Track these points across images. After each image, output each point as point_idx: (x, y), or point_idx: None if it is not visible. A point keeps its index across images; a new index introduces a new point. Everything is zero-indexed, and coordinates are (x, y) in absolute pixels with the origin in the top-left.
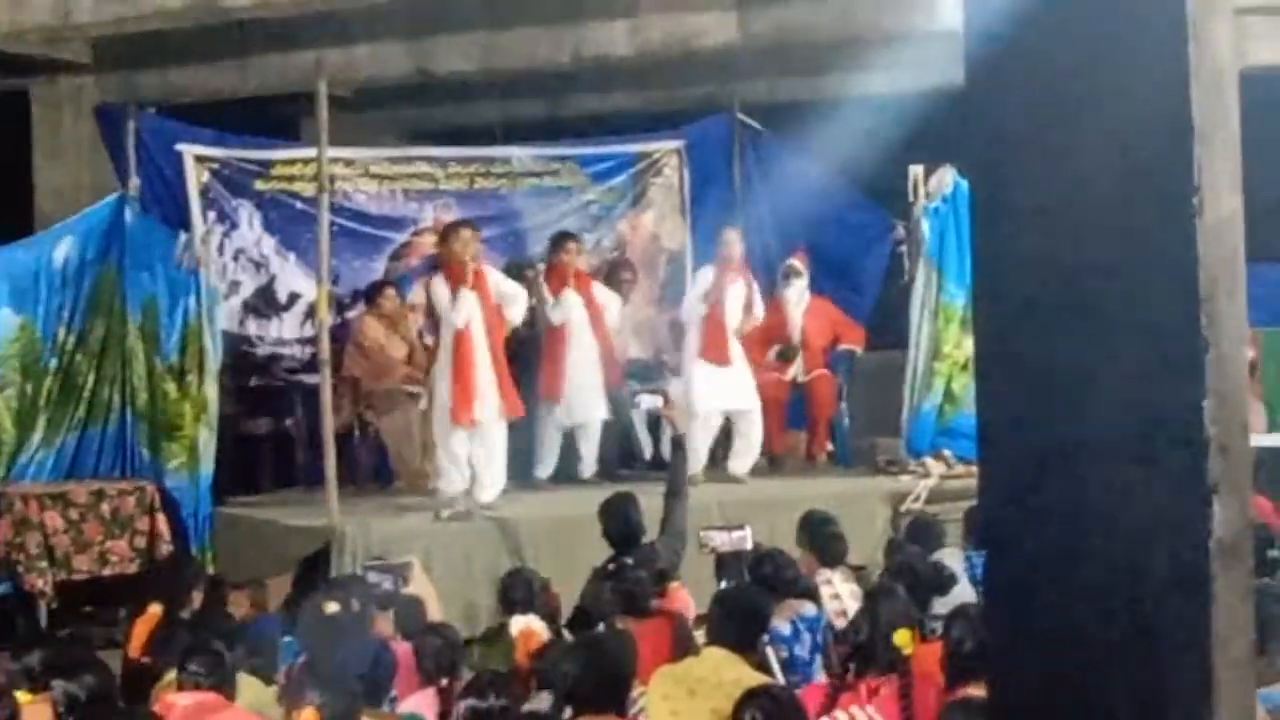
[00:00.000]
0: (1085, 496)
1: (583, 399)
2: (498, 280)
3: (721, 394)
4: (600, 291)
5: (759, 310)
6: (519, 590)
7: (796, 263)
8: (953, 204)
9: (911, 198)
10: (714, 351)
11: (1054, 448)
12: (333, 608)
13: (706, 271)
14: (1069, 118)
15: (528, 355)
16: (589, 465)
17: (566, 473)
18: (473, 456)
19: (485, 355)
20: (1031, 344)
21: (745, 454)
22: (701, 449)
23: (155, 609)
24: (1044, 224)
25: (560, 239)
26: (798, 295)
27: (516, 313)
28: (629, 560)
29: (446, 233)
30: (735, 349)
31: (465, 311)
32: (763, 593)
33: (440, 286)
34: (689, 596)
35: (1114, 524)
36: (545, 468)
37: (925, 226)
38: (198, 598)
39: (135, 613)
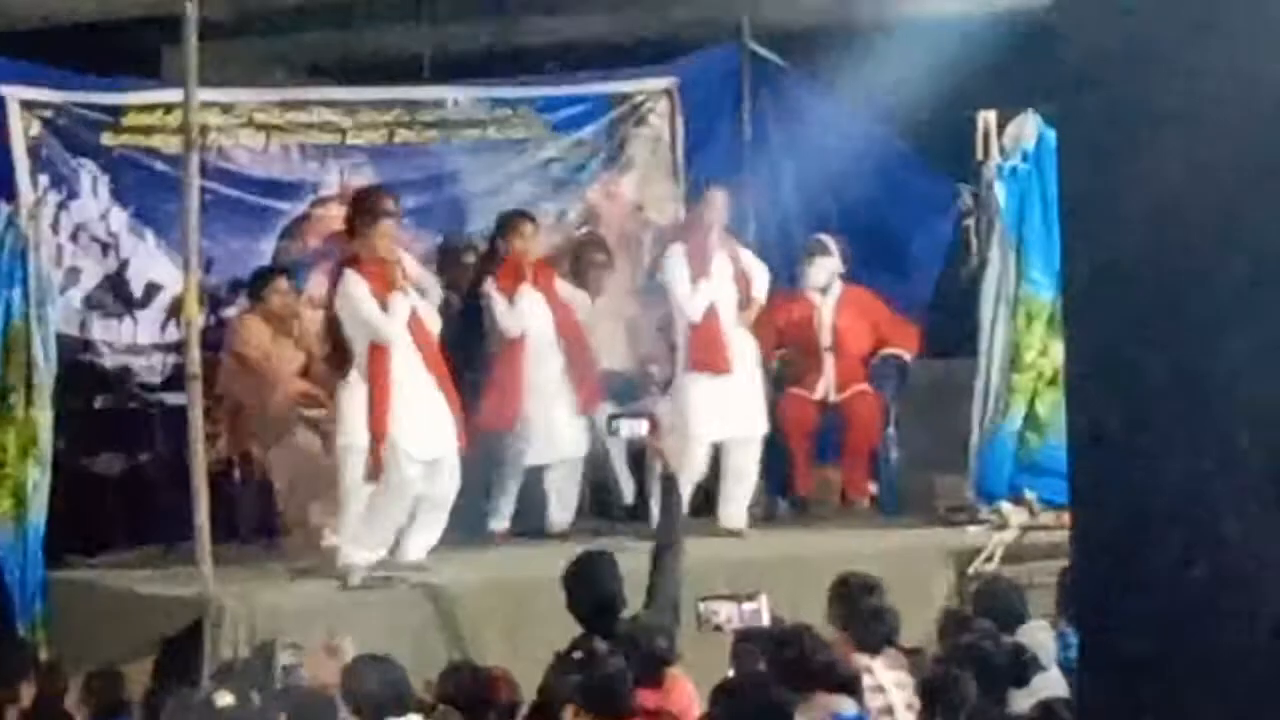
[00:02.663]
0: (1213, 552)
1: (551, 430)
2: (410, 267)
3: (721, 415)
4: (563, 287)
5: (762, 280)
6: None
7: (824, 238)
8: (1036, 162)
9: (981, 154)
10: (708, 357)
11: (1171, 488)
12: (225, 699)
13: (677, 252)
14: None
15: (470, 371)
16: (561, 515)
17: (528, 524)
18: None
19: (421, 372)
20: (1140, 352)
21: (740, 498)
22: (688, 489)
23: None
24: (1160, 192)
25: (511, 220)
26: (825, 282)
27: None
28: (600, 643)
29: (359, 217)
30: (739, 350)
31: (399, 320)
32: (782, 685)
33: (359, 288)
34: (691, 689)
35: (1252, 587)
36: (500, 519)
37: (1000, 193)
38: (28, 692)
39: None
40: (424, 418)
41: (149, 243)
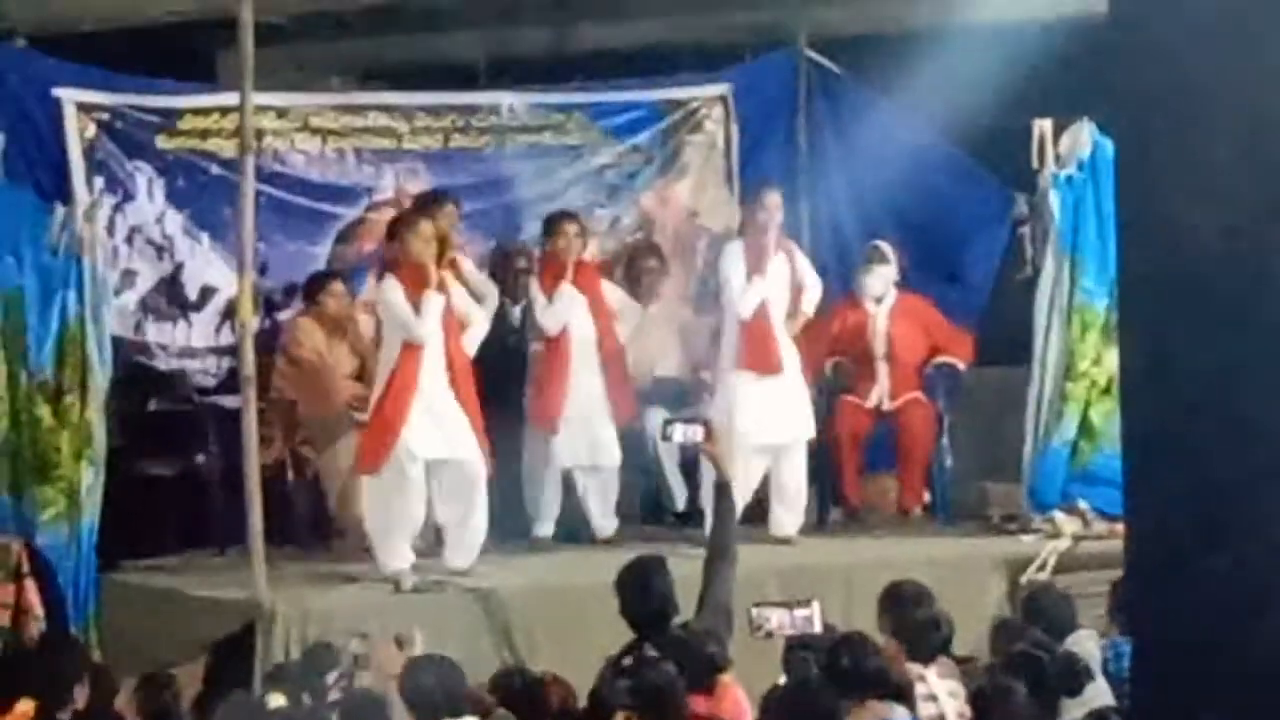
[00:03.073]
0: (1268, 560)
1: (589, 434)
2: (469, 273)
3: (770, 418)
4: (611, 292)
5: (814, 294)
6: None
7: (883, 246)
8: (1091, 172)
9: (1037, 163)
10: (758, 357)
11: (1226, 497)
12: (278, 700)
13: (735, 249)
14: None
15: (512, 371)
16: (604, 522)
17: (574, 530)
18: (437, 511)
19: (442, 375)
20: (1195, 361)
21: (791, 505)
22: (741, 496)
23: (25, 707)
24: (1218, 202)
25: (556, 220)
26: (882, 290)
27: (481, 316)
28: (652, 649)
29: (399, 224)
30: (787, 353)
31: (430, 321)
32: (834, 692)
33: (395, 293)
34: (742, 696)
35: None
36: (545, 523)
37: (1055, 202)
38: (82, 694)
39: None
40: (435, 417)
41: (204, 246)
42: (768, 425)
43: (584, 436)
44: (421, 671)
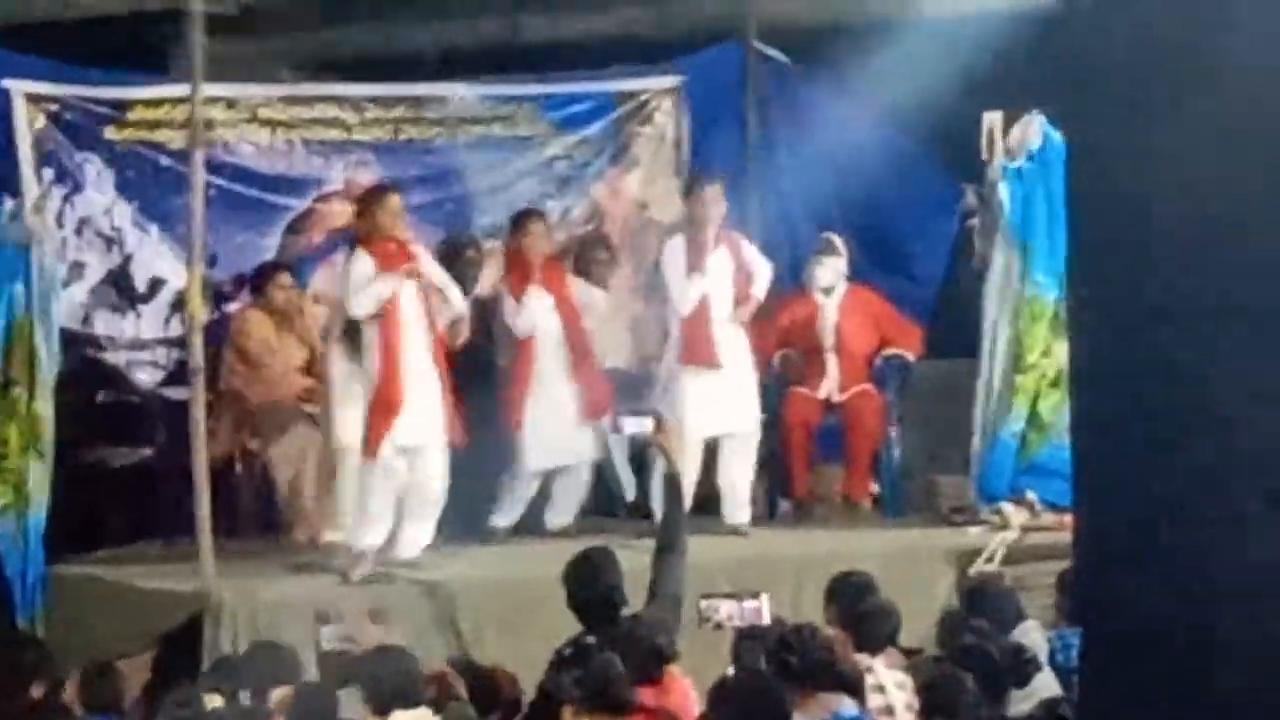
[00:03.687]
0: (1214, 552)
1: (561, 435)
2: (429, 265)
3: (712, 410)
4: (577, 287)
5: (764, 280)
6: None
7: (833, 238)
8: (1041, 163)
9: (986, 154)
10: (697, 352)
11: (1174, 488)
12: (214, 701)
13: (675, 246)
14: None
15: (479, 372)
16: (561, 517)
17: (525, 523)
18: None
19: (424, 359)
20: (1144, 352)
21: (740, 496)
22: (688, 488)
23: None
24: (1169, 194)
25: (522, 219)
26: (832, 282)
27: (458, 294)
28: (596, 640)
29: (368, 199)
30: (730, 346)
31: (403, 300)
32: (781, 684)
33: (363, 264)
34: (689, 687)
35: (1259, 585)
36: (506, 515)
37: (1004, 193)
38: (38, 689)
39: None
40: (411, 403)
41: (153, 237)
42: (708, 418)
43: (554, 435)
44: (376, 663)
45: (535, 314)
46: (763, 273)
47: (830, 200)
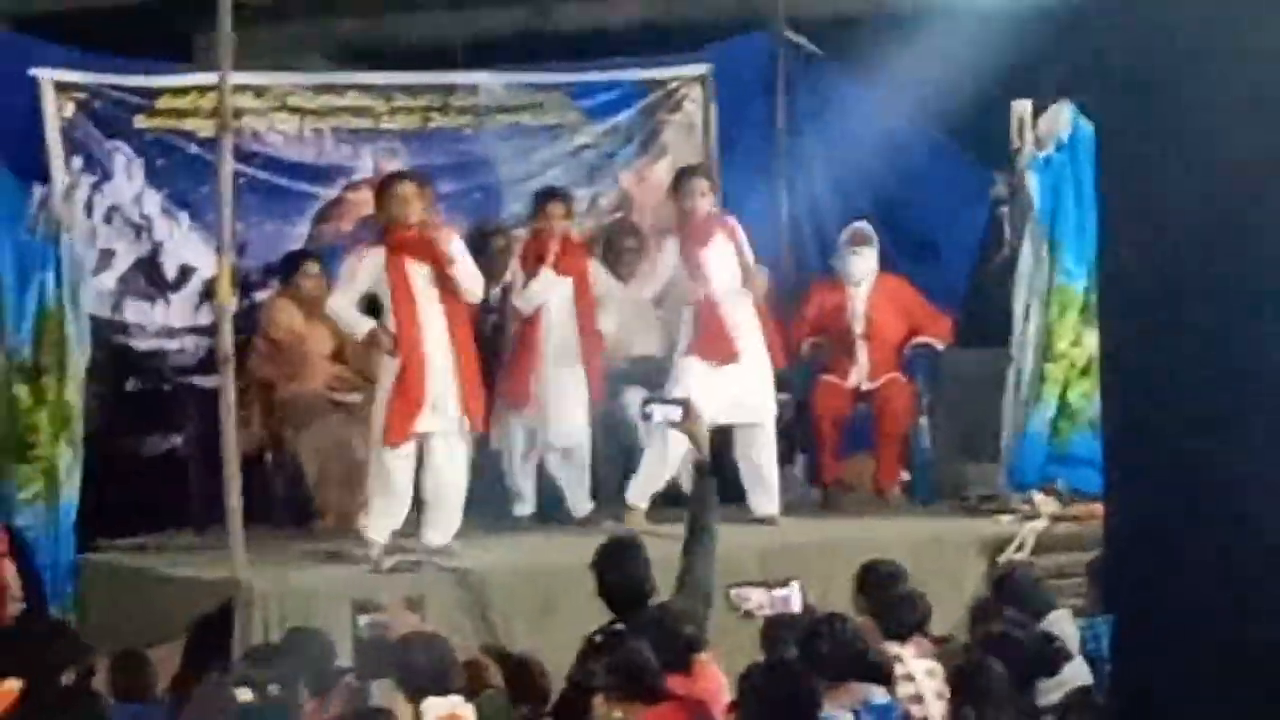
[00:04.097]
0: (1249, 540)
1: (565, 415)
2: (452, 247)
3: (722, 402)
4: (598, 273)
5: (750, 262)
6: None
7: (866, 228)
8: (1070, 152)
9: (1016, 143)
10: (712, 344)
11: (1205, 477)
12: (244, 695)
13: (671, 249)
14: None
15: (492, 352)
16: (580, 503)
17: (552, 511)
18: (420, 485)
19: (442, 347)
20: (1174, 340)
21: (767, 485)
22: (667, 476)
23: (11, 686)
24: (1201, 183)
25: (541, 199)
26: (864, 272)
27: (473, 277)
28: (625, 628)
29: (379, 190)
30: (746, 337)
31: (417, 285)
32: (811, 672)
33: (374, 258)
34: (720, 675)
35: None
36: (524, 503)
37: (1034, 183)
38: (68, 676)
39: None
40: (428, 392)
41: (182, 226)
42: (719, 409)
43: (561, 419)
44: (410, 649)
45: (543, 294)
46: (749, 257)
47: (859, 189)
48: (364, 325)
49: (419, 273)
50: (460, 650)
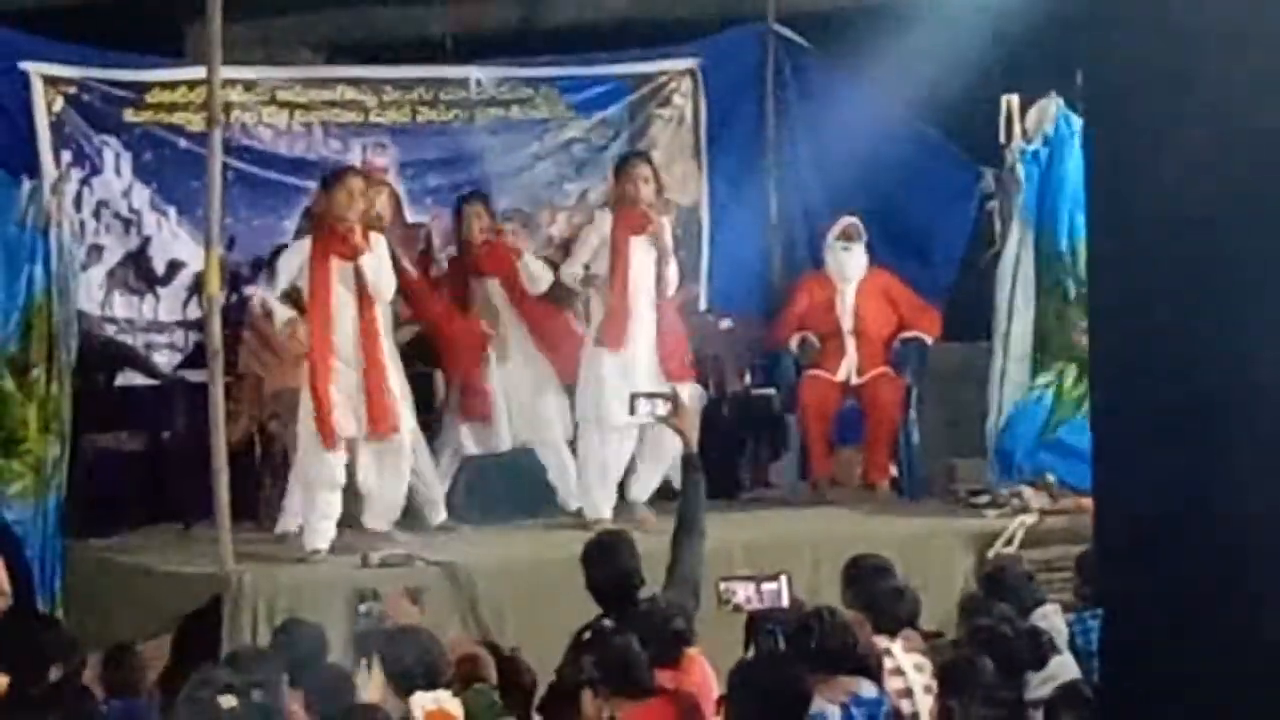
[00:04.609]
0: (1239, 533)
1: (531, 412)
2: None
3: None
4: (531, 264)
5: (673, 273)
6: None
7: (857, 223)
8: (1058, 146)
9: (1004, 137)
10: (613, 333)
11: (1198, 469)
12: (228, 702)
13: (603, 218)
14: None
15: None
16: (568, 498)
17: (541, 506)
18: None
19: (352, 349)
20: (1164, 331)
21: (650, 477)
22: (611, 475)
23: None
24: (1191, 176)
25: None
26: (854, 267)
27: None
28: (613, 622)
29: (328, 181)
30: (643, 329)
31: (337, 288)
32: (801, 666)
33: (299, 251)
34: (709, 669)
35: (1277, 572)
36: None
37: (1021, 176)
38: (56, 671)
39: None
40: (345, 393)
41: (171, 220)
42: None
43: (524, 415)
44: (399, 643)
45: (480, 298)
46: (673, 266)
47: (848, 183)
48: (281, 315)
49: (338, 268)
50: (457, 643)
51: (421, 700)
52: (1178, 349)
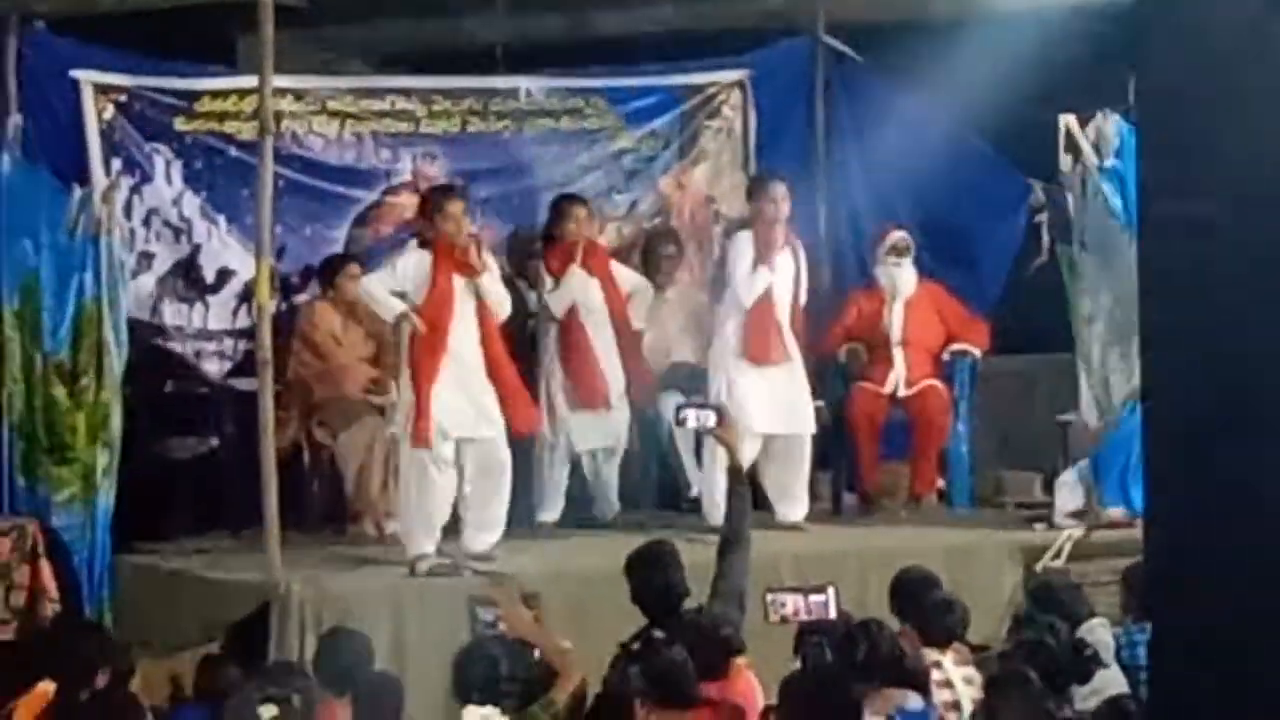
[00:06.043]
0: None
1: (595, 418)
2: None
3: (769, 409)
4: (621, 273)
5: (804, 291)
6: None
7: (906, 236)
8: (1121, 160)
9: (1066, 154)
10: (759, 348)
11: (1246, 485)
12: (269, 712)
13: (745, 239)
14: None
15: (528, 356)
16: (608, 504)
17: (579, 515)
18: (460, 492)
19: (476, 354)
20: (1217, 350)
21: (799, 493)
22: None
23: (46, 688)
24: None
25: (561, 204)
26: (904, 281)
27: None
28: (661, 633)
29: (430, 205)
30: (789, 345)
31: (458, 303)
32: (850, 678)
33: (420, 260)
34: (754, 680)
35: None
36: (550, 510)
37: (1107, 191)
38: (102, 677)
39: (16, 690)
40: (465, 397)
41: (221, 228)
42: (766, 416)
43: (590, 422)
44: (473, 657)
45: (571, 294)
46: (804, 283)
47: (897, 196)
48: (396, 307)
49: (459, 283)
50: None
51: (469, 714)
52: (1230, 366)
